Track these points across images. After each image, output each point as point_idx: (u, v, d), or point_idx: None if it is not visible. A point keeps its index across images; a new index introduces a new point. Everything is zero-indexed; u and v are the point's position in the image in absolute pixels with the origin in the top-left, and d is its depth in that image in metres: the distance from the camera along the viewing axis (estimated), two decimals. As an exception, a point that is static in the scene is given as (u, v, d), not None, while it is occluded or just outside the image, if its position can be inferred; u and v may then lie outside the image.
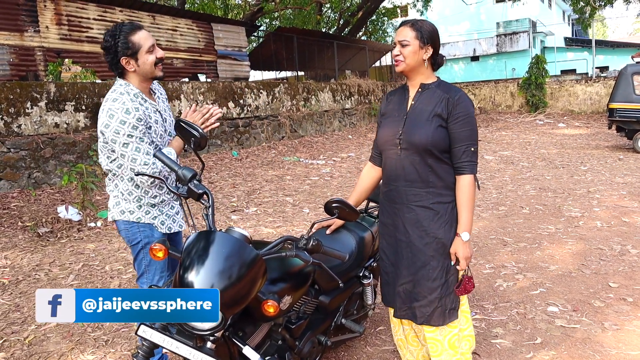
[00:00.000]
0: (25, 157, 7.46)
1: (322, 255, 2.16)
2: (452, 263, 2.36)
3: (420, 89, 2.41)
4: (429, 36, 2.32)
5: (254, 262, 1.88)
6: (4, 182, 7.17)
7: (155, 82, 2.61)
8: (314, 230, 2.31)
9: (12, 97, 7.56)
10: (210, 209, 2.05)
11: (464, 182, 2.34)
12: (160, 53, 2.41)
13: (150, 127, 2.36)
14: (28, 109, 7.74)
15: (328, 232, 2.77)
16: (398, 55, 2.35)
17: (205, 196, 2.07)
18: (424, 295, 2.41)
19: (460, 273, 2.43)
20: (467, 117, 2.32)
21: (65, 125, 8.24)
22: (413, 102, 2.41)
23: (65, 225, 6.12)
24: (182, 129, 2.12)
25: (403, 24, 2.36)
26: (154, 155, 2.15)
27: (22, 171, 7.40)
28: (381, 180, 2.63)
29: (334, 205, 2.17)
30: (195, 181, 2.06)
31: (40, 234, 5.84)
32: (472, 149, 2.33)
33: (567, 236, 5.33)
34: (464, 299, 2.51)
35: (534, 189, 7.73)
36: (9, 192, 7.16)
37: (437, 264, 2.38)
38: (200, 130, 2.10)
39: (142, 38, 2.33)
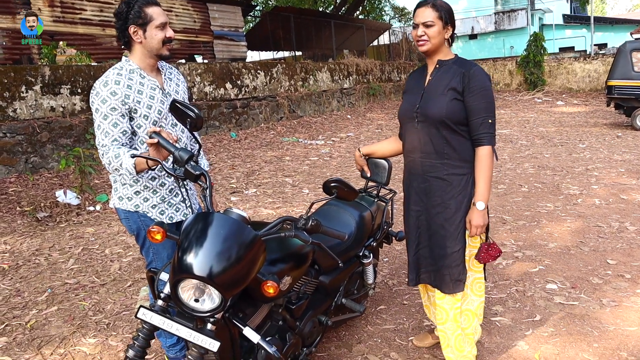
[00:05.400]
0: (22, 142, 7.41)
1: (322, 235, 2.15)
2: (467, 231, 2.43)
3: (437, 65, 2.48)
4: (448, 16, 2.39)
5: (252, 242, 1.87)
6: (1, 168, 7.13)
7: (167, 64, 2.58)
8: (312, 210, 2.30)
9: (6, 81, 7.47)
10: (208, 190, 2.03)
11: (482, 153, 2.38)
12: (170, 33, 2.37)
13: (140, 102, 2.31)
14: (23, 93, 7.66)
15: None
16: (422, 35, 2.39)
17: (202, 177, 2.05)
18: (436, 261, 2.52)
19: (477, 241, 2.52)
20: (483, 90, 2.35)
21: (61, 109, 8.17)
22: (430, 78, 2.49)
23: (64, 209, 6.12)
24: (177, 109, 2.09)
25: (422, 4, 2.40)
26: (152, 134, 2.10)
27: (19, 156, 7.36)
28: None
29: (332, 184, 2.16)
30: (192, 162, 2.03)
31: (39, 219, 5.83)
32: (490, 120, 2.38)
33: (566, 214, 5.34)
34: (470, 275, 2.55)
35: (533, 167, 7.72)
36: (7, 177, 7.13)
37: (445, 233, 2.47)
38: (196, 111, 2.06)
39: (155, 12, 2.31)
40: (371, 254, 2.99)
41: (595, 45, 23.73)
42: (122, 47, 2.45)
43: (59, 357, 3.09)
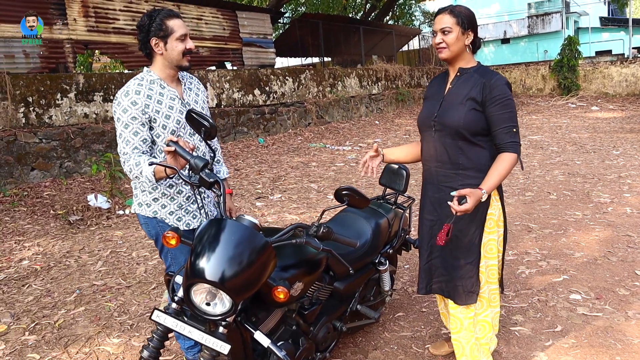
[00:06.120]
0: (57, 147, 7.68)
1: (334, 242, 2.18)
2: (454, 199, 2.22)
3: (458, 74, 2.45)
4: (468, 21, 2.35)
5: (263, 249, 1.91)
6: (37, 172, 7.40)
7: (187, 74, 2.65)
8: (324, 217, 2.33)
9: (42, 89, 7.77)
10: (221, 197, 2.08)
11: (505, 156, 2.31)
12: (190, 44, 2.43)
13: (159, 112, 2.39)
14: (58, 100, 7.95)
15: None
16: (441, 42, 2.37)
17: (216, 185, 2.10)
18: (448, 272, 2.51)
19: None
20: (505, 100, 2.32)
21: (94, 116, 8.44)
22: (450, 86, 2.46)
23: (94, 213, 6.30)
24: (192, 119, 2.16)
25: (441, 11, 2.39)
26: (169, 143, 2.16)
27: (54, 161, 7.62)
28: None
29: (344, 192, 2.18)
30: (206, 170, 2.09)
31: (71, 222, 6.02)
32: (514, 129, 2.34)
33: (595, 222, 5.22)
34: (484, 286, 2.51)
35: (563, 175, 7.56)
36: (42, 181, 7.39)
37: (459, 244, 2.45)
38: (210, 121, 2.13)
39: (176, 25, 2.38)
40: (387, 261, 2.99)
41: (634, 48, 23.07)
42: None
43: (84, 355, 3.19)
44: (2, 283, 4.39)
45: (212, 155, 2.23)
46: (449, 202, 2.24)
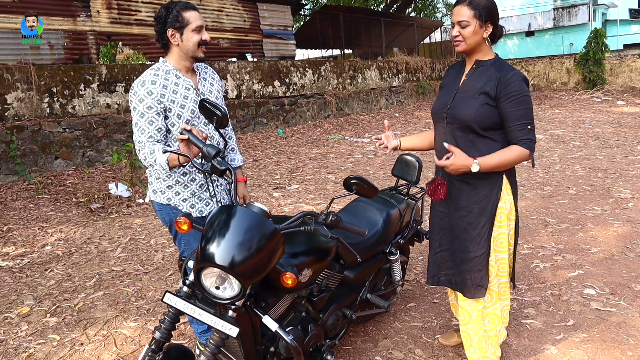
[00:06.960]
0: (80, 137, 7.85)
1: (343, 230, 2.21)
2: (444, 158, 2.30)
3: (474, 66, 2.39)
4: (487, 13, 2.28)
5: (272, 235, 1.95)
6: (60, 161, 7.58)
7: (202, 64, 2.69)
8: (333, 205, 2.36)
9: (66, 79, 7.93)
10: (233, 184, 2.13)
11: (515, 148, 2.29)
12: (206, 36, 2.47)
13: (174, 102, 2.44)
14: (81, 90, 8.11)
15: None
16: (458, 36, 2.33)
17: (228, 172, 2.14)
18: (457, 265, 2.50)
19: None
20: (521, 96, 2.26)
21: (116, 106, 8.59)
22: (465, 78, 2.42)
23: (115, 201, 6.44)
24: (205, 108, 2.20)
25: (459, 2, 2.33)
26: (183, 131, 2.21)
27: (76, 150, 7.79)
28: None
29: (352, 181, 2.20)
30: (218, 158, 2.13)
31: (92, 210, 6.16)
32: (529, 127, 2.28)
33: (614, 218, 5.15)
34: (494, 279, 2.51)
35: (584, 169, 7.45)
36: (65, 170, 7.57)
37: (468, 237, 2.44)
38: (223, 110, 2.17)
39: (192, 16, 2.43)
40: (398, 251, 3.02)
41: (663, 41, 22.49)
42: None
43: (102, 338, 3.29)
44: (26, 267, 4.53)
45: (225, 143, 2.28)
46: (435, 158, 2.35)
